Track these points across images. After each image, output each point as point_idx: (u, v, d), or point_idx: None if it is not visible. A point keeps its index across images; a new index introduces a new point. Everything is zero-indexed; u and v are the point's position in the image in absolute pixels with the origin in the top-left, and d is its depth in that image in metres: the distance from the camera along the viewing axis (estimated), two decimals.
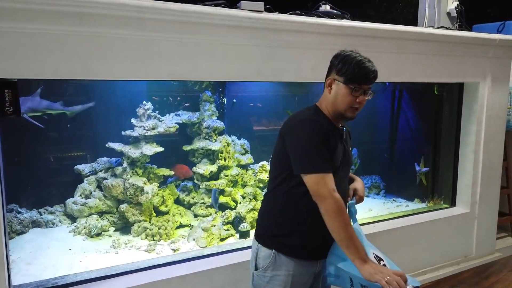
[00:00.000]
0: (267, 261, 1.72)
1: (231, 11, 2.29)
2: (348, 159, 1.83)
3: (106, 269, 2.39)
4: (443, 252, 3.50)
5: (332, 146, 1.66)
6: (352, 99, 1.65)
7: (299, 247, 1.70)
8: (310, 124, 1.64)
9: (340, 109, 1.69)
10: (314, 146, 1.60)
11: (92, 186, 3.32)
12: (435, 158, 3.89)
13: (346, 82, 1.65)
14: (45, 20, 1.87)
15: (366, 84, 1.67)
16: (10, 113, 1.91)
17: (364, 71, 1.65)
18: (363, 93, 1.66)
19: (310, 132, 1.62)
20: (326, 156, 1.60)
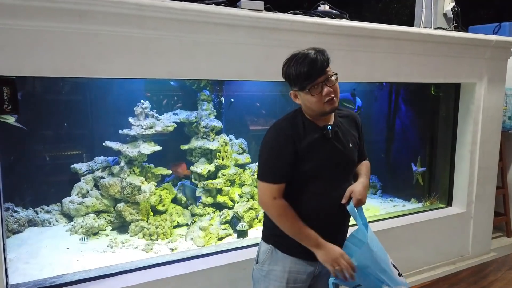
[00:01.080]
0: (265, 255, 1.79)
1: (231, 10, 2.29)
2: (342, 159, 1.75)
3: (104, 268, 2.38)
4: (439, 252, 3.52)
5: (306, 149, 1.66)
6: (317, 97, 1.62)
7: (295, 245, 1.71)
8: (273, 133, 1.71)
9: (316, 110, 1.66)
10: (268, 155, 1.69)
11: (89, 185, 3.31)
12: (432, 158, 3.92)
13: (301, 89, 1.64)
14: (44, 17, 1.86)
15: (318, 76, 1.60)
16: (8, 111, 1.90)
17: (306, 70, 1.59)
18: (325, 84, 1.61)
19: (270, 140, 1.70)
20: (278, 165, 1.67)
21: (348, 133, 1.80)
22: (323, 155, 1.69)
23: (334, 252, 1.64)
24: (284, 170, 1.67)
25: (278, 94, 3.84)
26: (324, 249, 1.64)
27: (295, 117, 1.74)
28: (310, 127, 1.70)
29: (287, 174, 1.68)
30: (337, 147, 1.73)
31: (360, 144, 1.88)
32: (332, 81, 1.63)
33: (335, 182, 1.73)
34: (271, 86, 3.83)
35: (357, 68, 2.85)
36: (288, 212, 1.67)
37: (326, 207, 1.72)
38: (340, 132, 1.75)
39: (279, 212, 1.68)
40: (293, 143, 1.65)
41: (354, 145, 1.81)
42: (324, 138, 1.70)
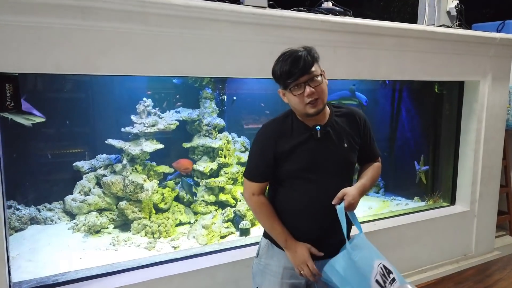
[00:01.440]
0: (262, 250, 1.84)
1: (235, 6, 2.28)
2: (334, 160, 1.70)
3: (107, 266, 2.37)
4: (442, 250, 3.51)
5: (291, 150, 1.66)
6: (299, 98, 1.60)
7: None
8: (260, 132, 1.74)
9: (300, 111, 1.65)
10: (252, 154, 1.77)
11: (91, 183, 3.30)
12: (435, 157, 3.90)
13: (285, 88, 1.64)
14: (47, 14, 1.85)
15: (300, 76, 1.57)
16: (11, 108, 1.88)
17: (289, 68, 1.57)
18: (308, 84, 1.58)
19: (256, 140, 1.75)
20: (258, 165, 1.73)
21: (343, 132, 1.74)
22: (311, 156, 1.67)
23: (300, 257, 1.68)
24: (263, 170, 1.72)
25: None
26: (291, 251, 1.69)
27: (286, 116, 1.75)
28: (298, 128, 1.69)
29: (265, 175, 1.73)
30: (327, 147, 1.69)
31: (364, 143, 1.81)
32: (317, 81, 1.59)
33: (326, 183, 1.69)
34: (273, 83, 3.81)
35: (361, 66, 2.84)
36: (263, 209, 1.73)
37: (313, 208, 1.70)
38: (333, 131, 1.71)
39: (255, 208, 1.76)
40: (275, 145, 1.67)
41: (351, 145, 1.75)
42: (312, 139, 1.68)
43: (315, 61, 1.61)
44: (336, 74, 2.78)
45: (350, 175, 1.80)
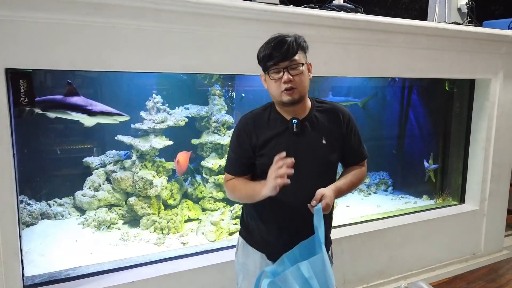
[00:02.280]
0: (239, 247, 1.83)
1: (246, 3, 2.27)
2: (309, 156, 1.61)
3: (117, 262, 2.39)
4: (451, 249, 3.49)
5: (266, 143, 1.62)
6: (276, 82, 1.55)
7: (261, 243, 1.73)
8: (237, 126, 1.72)
9: (275, 97, 1.60)
10: (231, 145, 1.73)
11: (101, 179, 3.32)
12: (444, 155, 3.87)
13: (264, 69, 1.60)
14: (61, 10, 1.86)
15: (281, 61, 1.52)
16: (25, 104, 1.90)
17: (271, 51, 1.52)
18: (287, 71, 1.52)
19: (233, 133, 1.73)
20: (233, 159, 1.71)
21: (323, 129, 1.65)
22: (285, 150, 1.53)
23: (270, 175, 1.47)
24: (241, 163, 1.69)
25: None
26: (264, 186, 1.49)
27: (265, 108, 1.71)
28: (275, 120, 1.65)
29: (244, 168, 1.69)
30: (303, 142, 1.61)
31: (347, 142, 1.71)
32: (298, 70, 1.53)
33: (301, 180, 1.56)
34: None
35: (371, 63, 2.82)
36: (236, 182, 1.68)
37: (287, 205, 1.61)
38: (310, 126, 1.63)
39: (230, 189, 1.70)
40: (250, 136, 1.64)
41: (331, 142, 1.65)
42: (288, 132, 1.62)
43: (301, 50, 1.57)
44: (346, 72, 2.77)
45: (329, 175, 1.68)
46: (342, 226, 3.09)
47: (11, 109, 1.90)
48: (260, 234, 1.73)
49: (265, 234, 1.71)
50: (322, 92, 4.05)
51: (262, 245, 1.73)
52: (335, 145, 1.67)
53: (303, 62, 1.56)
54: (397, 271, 3.21)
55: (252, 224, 1.76)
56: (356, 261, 2.98)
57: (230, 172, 1.73)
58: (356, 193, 4.21)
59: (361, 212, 3.55)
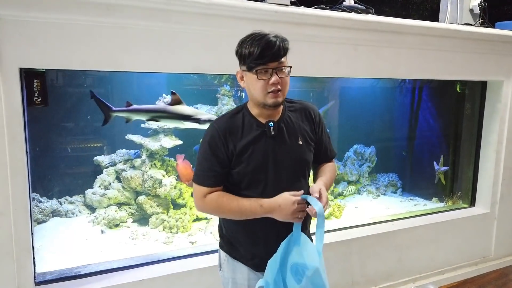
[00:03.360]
0: (223, 261, 1.72)
1: (257, 4, 2.27)
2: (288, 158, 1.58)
3: (127, 260, 2.41)
4: (461, 252, 3.46)
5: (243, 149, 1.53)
6: (263, 83, 1.47)
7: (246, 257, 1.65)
8: (208, 133, 1.58)
9: (258, 98, 1.51)
10: (201, 157, 1.58)
11: (111, 178, 3.35)
12: (455, 157, 3.84)
13: (250, 69, 1.48)
14: (74, 10, 1.88)
15: (271, 61, 1.45)
16: (38, 103, 1.93)
17: (262, 49, 1.43)
18: (276, 73, 1.46)
19: (204, 141, 1.58)
20: (208, 169, 1.55)
21: (298, 128, 1.63)
22: (264, 155, 1.54)
23: (286, 206, 1.50)
24: (215, 173, 1.55)
25: (299, 90, 3.82)
26: (276, 212, 1.51)
27: (237, 112, 1.61)
28: (250, 125, 1.57)
29: (218, 178, 1.56)
30: (281, 145, 1.58)
31: (319, 139, 1.70)
32: (284, 73, 1.49)
33: (281, 183, 1.56)
34: (291, 81, 3.80)
35: (381, 64, 2.81)
36: (223, 198, 1.55)
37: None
38: (286, 128, 1.60)
39: (214, 207, 1.57)
40: (225, 146, 1.53)
41: (306, 141, 1.63)
42: (265, 137, 1.56)
43: (287, 53, 1.51)
44: (356, 73, 2.76)
45: (305, 173, 1.66)
46: (351, 227, 3.07)
47: (24, 108, 1.93)
48: (245, 247, 1.64)
49: (250, 246, 1.63)
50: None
51: (249, 258, 1.65)
52: (310, 144, 1.66)
53: (289, 65, 1.52)
54: (406, 273, 3.19)
55: (235, 237, 1.66)
56: (364, 263, 2.97)
57: (203, 184, 1.56)
58: (365, 194, 4.19)
59: (370, 214, 3.53)
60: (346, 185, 4.13)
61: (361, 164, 4.35)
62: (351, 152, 4.41)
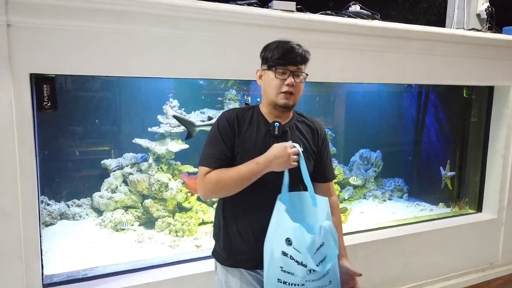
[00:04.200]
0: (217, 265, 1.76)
1: (263, 10, 2.30)
2: None
3: (133, 263, 2.43)
4: (468, 258, 3.43)
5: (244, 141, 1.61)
6: (278, 82, 1.57)
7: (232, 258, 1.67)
8: (220, 117, 1.67)
9: (271, 96, 1.61)
10: (213, 138, 1.64)
11: (118, 181, 3.39)
12: (462, 162, 3.82)
13: (270, 67, 1.60)
14: (83, 17, 1.92)
15: (291, 64, 1.56)
16: (48, 108, 1.96)
17: (284, 52, 1.56)
18: (293, 76, 1.57)
19: (216, 125, 1.66)
20: (220, 148, 1.61)
21: (302, 137, 1.70)
22: (262, 151, 1.57)
23: (281, 152, 1.54)
24: (218, 157, 1.60)
25: (305, 94, 3.83)
26: (273, 163, 1.54)
27: (248, 108, 1.71)
28: (257, 121, 1.66)
29: (221, 162, 1.60)
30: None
31: (320, 155, 1.75)
32: (300, 79, 1.60)
33: (273, 182, 1.59)
34: None
35: (387, 69, 2.81)
36: (221, 172, 1.57)
37: (265, 207, 1.57)
38: (291, 133, 1.67)
39: (214, 181, 1.57)
40: (232, 131, 1.62)
41: (308, 151, 1.69)
42: (269, 135, 1.63)
43: (306, 62, 1.62)
44: (362, 78, 2.77)
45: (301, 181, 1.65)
46: (356, 232, 3.07)
47: (34, 113, 1.96)
48: (236, 245, 1.66)
49: (241, 244, 1.65)
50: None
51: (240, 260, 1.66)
52: (311, 154, 1.71)
53: (306, 73, 1.62)
54: (412, 279, 3.18)
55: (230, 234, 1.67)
56: (369, 268, 2.96)
57: (208, 165, 1.60)
58: (371, 199, 4.18)
59: (375, 219, 3.52)
60: (352, 190, 4.13)
61: (367, 168, 4.34)
62: (357, 156, 4.41)
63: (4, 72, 1.83)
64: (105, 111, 3.45)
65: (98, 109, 3.41)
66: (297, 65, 1.58)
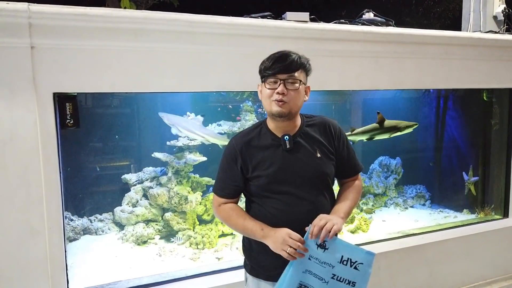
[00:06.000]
0: (249, 278, 1.78)
1: (277, 22, 2.32)
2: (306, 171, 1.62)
3: (155, 276, 2.45)
4: (496, 266, 3.33)
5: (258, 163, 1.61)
6: (270, 92, 1.56)
7: (260, 271, 1.69)
8: (227, 146, 1.71)
9: (267, 108, 1.61)
10: (219, 168, 1.72)
11: (139, 195, 3.43)
12: (485, 167, 3.73)
13: (262, 78, 1.62)
14: (103, 37, 1.98)
15: (280, 73, 1.54)
16: (70, 125, 2.01)
17: (274, 61, 1.56)
18: (284, 84, 1.54)
19: (223, 153, 1.71)
20: (223, 180, 1.70)
21: (316, 142, 1.67)
22: (280, 168, 1.59)
23: (280, 235, 1.53)
24: (231, 185, 1.68)
25: (324, 103, 3.83)
26: (270, 238, 1.55)
27: (256, 127, 1.71)
28: (266, 139, 1.65)
29: (234, 189, 1.69)
30: (299, 159, 1.62)
31: (340, 154, 1.72)
32: (294, 87, 1.56)
33: (299, 197, 1.60)
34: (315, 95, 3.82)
35: (404, 75, 2.79)
36: (232, 213, 1.66)
37: (288, 222, 1.58)
38: (303, 142, 1.65)
39: (224, 216, 1.69)
40: (241, 156, 1.63)
41: (326, 154, 1.67)
42: (281, 150, 1.62)
43: (303, 70, 1.59)
44: (379, 85, 2.76)
45: (327, 187, 1.70)
46: (379, 241, 3.02)
47: (58, 131, 2.02)
48: (268, 261, 1.65)
49: (264, 256, 1.65)
50: None
51: (273, 274, 1.64)
52: (330, 157, 1.69)
53: (301, 79, 1.58)
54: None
55: (258, 250, 1.67)
56: (394, 278, 2.90)
57: (218, 194, 1.71)
58: (392, 207, 4.11)
59: (398, 227, 3.46)
60: (369, 197, 4.07)
61: (387, 176, 4.28)
62: (376, 164, 4.35)
63: (29, 92, 1.90)
64: (124, 126, 3.51)
65: (118, 125, 3.48)
66: (289, 72, 1.55)
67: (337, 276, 1.54)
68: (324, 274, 1.53)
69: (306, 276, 1.55)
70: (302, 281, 1.54)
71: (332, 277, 1.53)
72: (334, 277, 1.54)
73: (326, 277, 1.53)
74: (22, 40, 1.86)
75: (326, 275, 1.53)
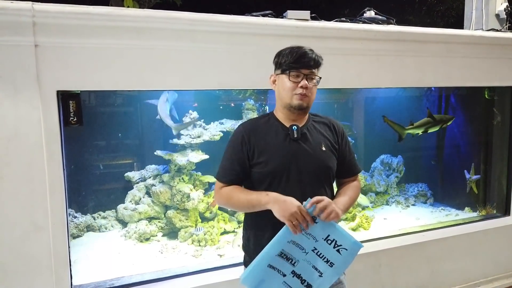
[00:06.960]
0: None
1: (278, 20, 2.34)
2: (311, 162, 1.65)
3: (158, 272, 2.47)
4: (497, 263, 3.33)
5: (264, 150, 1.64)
6: (292, 85, 1.63)
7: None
8: (233, 133, 1.74)
9: (285, 100, 1.66)
10: (226, 152, 1.73)
11: (142, 193, 3.46)
12: (487, 165, 3.73)
13: (283, 71, 1.66)
14: (106, 35, 2.00)
15: (304, 68, 1.62)
16: (74, 123, 2.04)
17: (297, 55, 1.63)
18: (306, 79, 1.62)
19: (229, 140, 1.74)
20: (227, 167, 1.70)
21: (321, 136, 1.73)
22: (286, 157, 1.64)
23: (291, 205, 1.51)
24: (235, 170, 1.68)
25: (325, 102, 3.84)
26: (278, 203, 1.53)
27: (264, 116, 1.77)
28: (274, 127, 1.70)
29: (238, 175, 1.69)
30: (304, 149, 1.67)
31: (342, 152, 1.77)
32: (314, 83, 1.65)
33: (302, 186, 1.64)
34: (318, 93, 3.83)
35: (406, 73, 2.80)
36: (234, 190, 1.66)
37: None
38: (309, 134, 1.70)
39: (226, 196, 1.68)
40: (247, 142, 1.66)
41: (329, 149, 1.72)
42: (288, 139, 1.67)
43: (319, 67, 1.69)
44: (380, 83, 2.77)
45: (328, 181, 1.74)
46: (380, 239, 3.03)
47: (61, 128, 2.04)
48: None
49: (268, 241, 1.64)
50: None
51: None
52: (333, 151, 1.74)
53: (319, 76, 1.68)
54: (440, 286, 3.10)
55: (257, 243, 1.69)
56: (395, 275, 2.91)
57: (221, 179, 1.72)
58: (394, 205, 4.12)
59: (399, 225, 3.47)
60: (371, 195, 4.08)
61: (388, 174, 4.29)
62: (378, 162, 4.36)
63: (33, 90, 1.92)
64: (127, 124, 3.54)
65: (121, 123, 3.51)
66: (310, 68, 1.64)
67: (318, 251, 1.54)
68: (305, 245, 1.54)
69: (289, 245, 1.55)
70: (283, 249, 1.54)
71: (312, 250, 1.54)
72: (315, 251, 1.54)
73: (307, 248, 1.54)
74: (26, 38, 1.88)
75: (307, 246, 1.54)
